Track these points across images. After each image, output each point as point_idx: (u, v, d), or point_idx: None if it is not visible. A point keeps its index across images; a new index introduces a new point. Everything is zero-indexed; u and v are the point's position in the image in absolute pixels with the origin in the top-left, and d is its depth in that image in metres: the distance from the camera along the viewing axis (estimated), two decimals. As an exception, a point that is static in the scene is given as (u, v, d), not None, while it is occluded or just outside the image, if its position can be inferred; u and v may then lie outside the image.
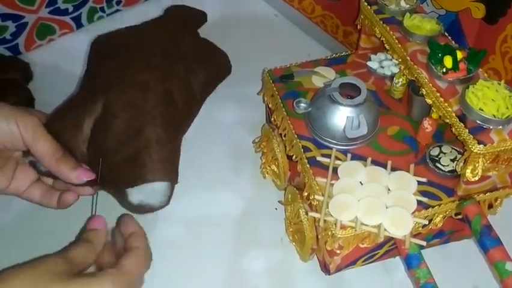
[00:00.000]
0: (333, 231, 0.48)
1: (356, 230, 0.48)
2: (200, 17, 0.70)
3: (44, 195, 0.50)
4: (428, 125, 0.53)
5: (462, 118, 0.47)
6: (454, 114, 0.48)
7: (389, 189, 0.50)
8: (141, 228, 0.48)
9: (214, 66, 0.65)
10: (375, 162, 0.53)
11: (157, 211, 0.57)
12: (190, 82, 0.60)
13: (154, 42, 0.61)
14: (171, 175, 0.54)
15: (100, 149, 0.53)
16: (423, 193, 0.51)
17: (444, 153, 0.53)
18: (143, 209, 0.53)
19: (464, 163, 0.48)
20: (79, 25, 0.81)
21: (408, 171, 0.52)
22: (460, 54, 0.50)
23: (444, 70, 0.50)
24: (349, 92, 0.55)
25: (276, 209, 0.62)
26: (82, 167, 0.49)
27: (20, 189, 0.49)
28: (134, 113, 0.54)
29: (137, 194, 0.53)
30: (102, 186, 0.52)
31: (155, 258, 0.57)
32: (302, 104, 0.54)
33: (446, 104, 0.49)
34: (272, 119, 0.61)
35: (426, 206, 0.50)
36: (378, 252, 0.53)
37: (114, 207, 0.56)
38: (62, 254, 0.42)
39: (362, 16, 0.61)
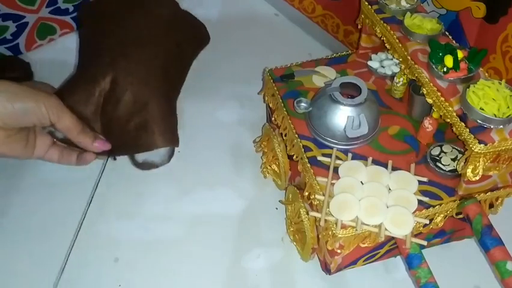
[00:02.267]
0: (334, 231, 0.48)
1: (356, 230, 0.48)
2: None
3: (61, 155, 0.57)
4: (428, 125, 0.53)
5: (463, 117, 0.47)
6: (454, 114, 0.48)
7: (389, 189, 0.50)
8: None
9: (197, 37, 0.72)
10: (376, 162, 0.53)
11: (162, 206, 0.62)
12: (180, 55, 0.66)
13: (144, 18, 0.66)
14: (174, 140, 0.62)
15: (112, 120, 0.59)
16: (424, 192, 0.50)
17: (445, 153, 0.53)
18: (147, 165, 0.62)
19: (465, 162, 0.48)
20: (80, 25, 0.81)
21: (409, 170, 0.52)
22: (460, 54, 0.50)
23: (445, 69, 0.50)
24: (350, 91, 0.55)
25: (276, 208, 0.62)
26: (99, 137, 0.58)
27: (41, 154, 0.56)
28: (139, 87, 0.60)
29: (142, 154, 0.61)
30: (116, 153, 0.61)
31: (157, 256, 0.57)
32: (303, 104, 0.54)
33: (446, 104, 0.49)
34: (273, 118, 0.61)
35: (427, 206, 0.50)
36: (379, 252, 0.53)
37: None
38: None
39: (362, 15, 0.61)
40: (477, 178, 0.47)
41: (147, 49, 0.63)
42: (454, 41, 0.55)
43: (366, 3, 0.59)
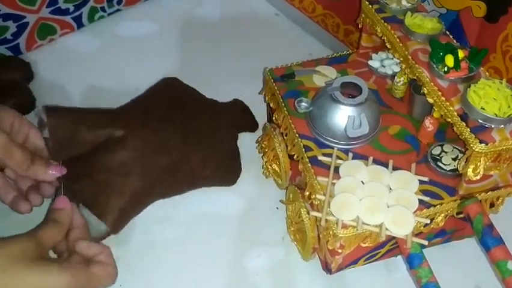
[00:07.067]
0: (335, 231, 0.48)
1: (357, 230, 0.48)
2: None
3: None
4: (429, 124, 0.53)
5: (463, 117, 0.47)
6: (455, 113, 0.48)
7: (390, 189, 0.50)
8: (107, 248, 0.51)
9: (223, 172, 0.64)
10: (376, 162, 0.53)
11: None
12: (196, 171, 0.61)
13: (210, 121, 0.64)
14: (114, 225, 0.55)
15: (90, 159, 0.56)
16: (424, 192, 0.50)
17: (446, 152, 0.53)
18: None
19: (465, 162, 0.48)
20: (80, 25, 0.81)
21: (409, 170, 0.52)
22: (461, 53, 0.50)
23: (445, 69, 0.50)
24: (350, 91, 0.55)
25: (277, 208, 0.62)
26: (52, 163, 0.52)
27: None
28: (137, 157, 0.57)
29: (86, 214, 0.54)
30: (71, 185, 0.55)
31: (157, 256, 0.57)
32: (303, 103, 0.54)
33: (447, 103, 0.49)
34: (273, 118, 0.61)
35: (428, 205, 0.50)
36: (379, 252, 0.53)
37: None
38: (33, 235, 0.45)
39: (363, 15, 0.61)
40: (478, 178, 0.47)
41: (177, 146, 0.59)
42: (454, 41, 0.55)
43: (367, 2, 0.59)
